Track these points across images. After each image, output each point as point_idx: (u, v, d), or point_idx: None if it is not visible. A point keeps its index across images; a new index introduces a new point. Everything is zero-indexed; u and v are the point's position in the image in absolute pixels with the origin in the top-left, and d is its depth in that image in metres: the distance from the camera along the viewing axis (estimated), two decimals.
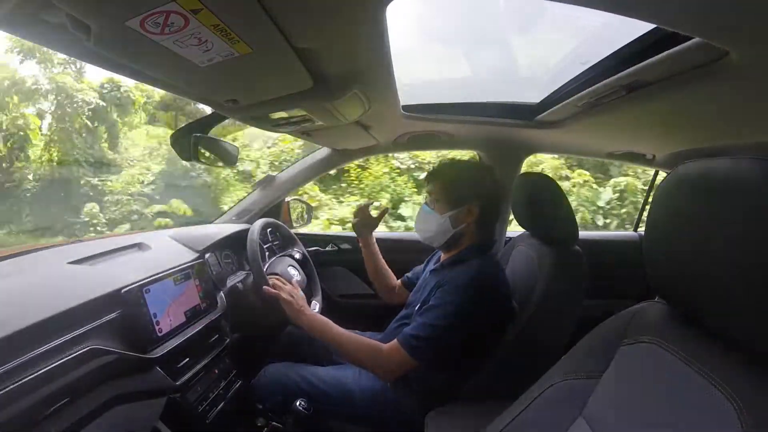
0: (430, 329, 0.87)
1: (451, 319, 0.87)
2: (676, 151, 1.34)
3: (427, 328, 0.88)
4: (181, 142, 1.04)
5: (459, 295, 0.88)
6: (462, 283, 0.89)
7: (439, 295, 0.91)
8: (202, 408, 0.88)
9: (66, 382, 0.59)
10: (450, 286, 0.90)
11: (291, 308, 1.00)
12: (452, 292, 0.89)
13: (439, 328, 0.87)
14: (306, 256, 1.38)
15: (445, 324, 0.87)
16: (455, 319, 0.87)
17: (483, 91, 1.25)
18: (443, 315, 0.87)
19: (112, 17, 0.43)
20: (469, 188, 1.00)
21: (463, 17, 1.19)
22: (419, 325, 0.89)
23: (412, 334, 0.89)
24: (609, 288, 1.54)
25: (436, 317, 0.88)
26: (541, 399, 0.59)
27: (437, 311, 0.88)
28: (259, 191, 1.58)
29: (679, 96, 0.75)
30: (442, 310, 0.88)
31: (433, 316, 0.88)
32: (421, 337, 0.87)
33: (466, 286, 0.89)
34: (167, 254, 1.01)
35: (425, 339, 0.87)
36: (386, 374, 0.93)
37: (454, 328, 0.87)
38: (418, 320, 0.91)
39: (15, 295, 0.69)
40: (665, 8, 0.46)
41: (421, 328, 0.88)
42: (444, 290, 0.91)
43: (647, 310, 0.54)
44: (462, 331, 0.89)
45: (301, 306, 1.01)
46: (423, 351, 0.87)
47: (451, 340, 0.89)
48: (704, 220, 0.42)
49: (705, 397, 0.42)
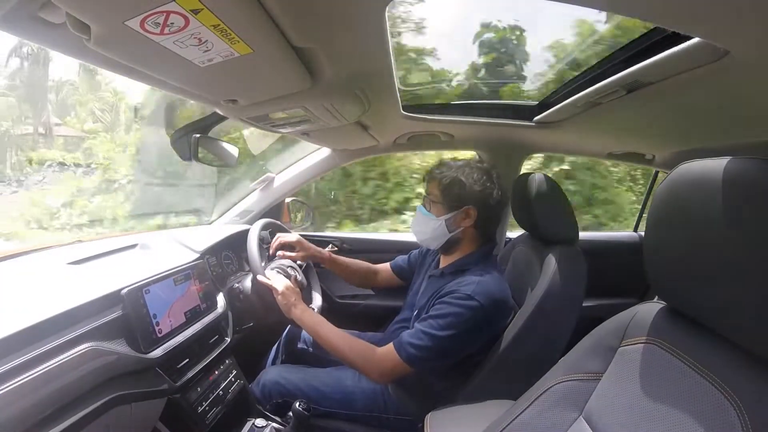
0: (427, 338, 0.86)
1: (449, 330, 0.86)
2: (676, 151, 1.34)
3: (424, 336, 0.86)
4: (181, 142, 1.04)
5: (461, 308, 0.86)
6: (466, 296, 0.87)
7: (439, 306, 0.90)
8: (202, 409, 0.88)
9: (66, 382, 0.59)
10: (452, 297, 0.89)
11: (283, 300, 0.98)
12: (455, 303, 0.87)
13: (437, 338, 0.86)
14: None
15: (443, 335, 0.85)
16: (454, 331, 0.86)
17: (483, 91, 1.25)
18: (443, 326, 0.86)
19: (112, 17, 0.43)
20: (468, 190, 0.95)
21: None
22: (417, 332, 0.88)
23: (409, 341, 0.88)
24: (609, 288, 1.54)
25: (434, 327, 0.87)
26: (541, 399, 0.59)
27: (438, 321, 0.87)
28: (259, 192, 1.58)
29: (679, 96, 0.75)
30: (442, 321, 0.86)
31: (432, 326, 0.87)
32: (418, 345, 0.86)
33: (470, 298, 0.87)
34: (167, 255, 1.01)
35: (421, 348, 0.86)
36: (379, 377, 0.91)
37: (452, 340, 0.86)
38: (416, 326, 0.90)
39: (15, 295, 0.68)
40: (665, 8, 0.46)
41: (418, 335, 0.87)
42: (445, 301, 0.89)
43: (647, 310, 0.54)
44: (460, 344, 0.88)
45: (294, 300, 0.99)
46: (418, 359, 0.87)
47: (448, 352, 0.88)
48: (704, 220, 0.41)
49: (705, 397, 0.42)
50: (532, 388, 0.63)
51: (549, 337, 0.92)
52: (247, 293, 1.11)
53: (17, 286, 0.73)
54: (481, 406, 0.86)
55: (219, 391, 0.94)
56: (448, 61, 1.64)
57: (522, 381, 0.69)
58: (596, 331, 0.59)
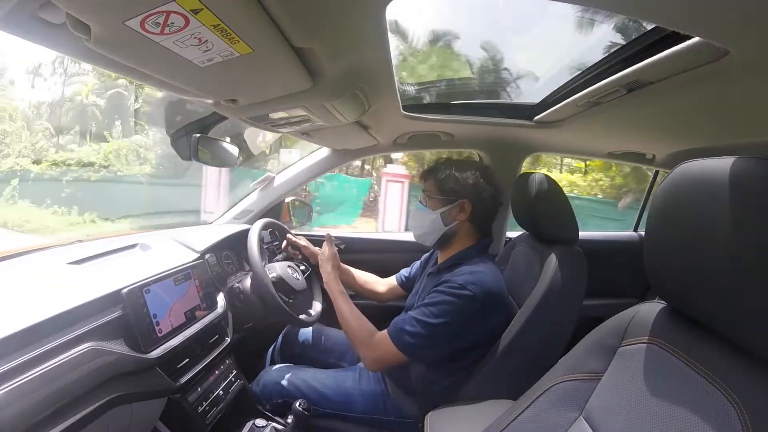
0: (420, 325, 0.87)
1: (443, 318, 0.86)
2: (676, 151, 1.34)
3: (416, 324, 0.87)
4: (181, 142, 1.04)
5: (453, 296, 0.87)
6: (459, 285, 0.88)
7: (433, 294, 0.90)
8: (202, 408, 0.88)
9: (66, 382, 0.59)
10: (446, 286, 0.89)
11: (325, 262, 1.14)
12: (448, 292, 0.88)
13: (430, 326, 0.86)
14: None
15: (436, 323, 0.86)
16: (447, 318, 0.86)
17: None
18: (435, 314, 0.87)
19: (112, 17, 0.43)
20: (462, 184, 0.99)
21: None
22: (409, 319, 0.89)
23: (401, 327, 0.88)
24: (609, 288, 1.55)
25: (427, 314, 0.87)
26: (541, 399, 0.59)
27: (430, 309, 0.88)
28: (259, 192, 1.58)
29: (679, 96, 0.75)
30: (436, 309, 0.87)
31: (425, 313, 0.88)
32: (410, 332, 0.87)
33: (462, 288, 0.87)
34: (167, 255, 1.01)
35: (414, 334, 0.86)
36: (372, 362, 0.93)
37: (444, 328, 0.86)
38: (409, 314, 0.90)
39: (15, 295, 0.68)
40: (665, 8, 0.46)
41: (411, 322, 0.88)
42: (438, 290, 0.90)
43: (647, 310, 0.54)
44: (453, 333, 0.88)
45: (331, 267, 1.13)
46: (410, 345, 0.87)
47: (441, 340, 0.88)
48: (704, 220, 0.41)
49: (705, 397, 0.42)
50: (532, 387, 0.63)
51: (549, 336, 0.92)
52: (247, 293, 1.11)
53: (17, 285, 0.73)
54: (481, 406, 0.86)
55: (219, 391, 0.94)
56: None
57: (522, 381, 0.69)
58: (596, 330, 0.59)
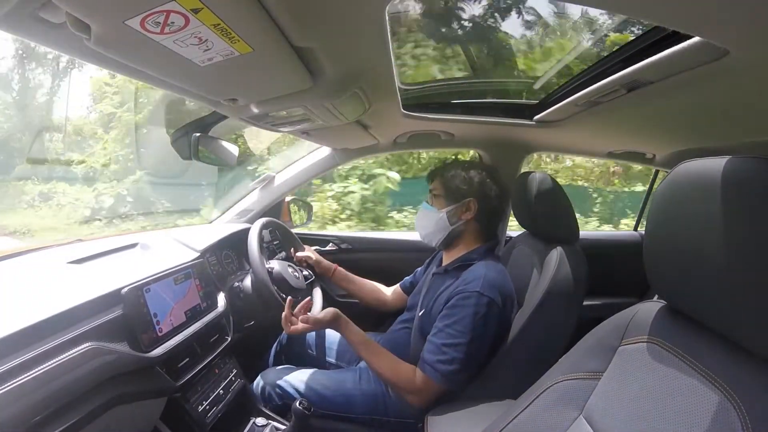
0: (452, 350, 0.85)
1: (472, 332, 0.85)
2: (676, 151, 1.34)
3: (449, 348, 0.85)
4: (181, 142, 1.04)
5: (473, 306, 0.86)
6: (477, 293, 0.87)
7: (449, 312, 0.88)
8: (203, 408, 0.88)
9: (66, 382, 0.59)
10: (460, 299, 0.88)
11: (328, 324, 0.96)
12: (467, 305, 0.86)
13: (462, 345, 0.84)
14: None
15: (466, 340, 0.84)
16: (474, 331, 0.85)
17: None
18: (462, 331, 0.85)
19: (113, 17, 0.43)
20: (468, 183, 0.99)
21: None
22: (437, 348, 0.86)
23: (435, 359, 0.85)
24: (609, 287, 1.54)
25: (455, 335, 0.85)
26: (541, 399, 0.59)
27: (455, 329, 0.86)
28: (259, 191, 1.58)
29: (679, 96, 0.75)
30: (460, 326, 0.85)
31: (453, 335, 0.85)
32: (445, 360, 0.85)
33: (481, 295, 0.86)
34: (168, 254, 1.01)
35: (450, 361, 0.84)
36: (420, 404, 0.90)
37: (476, 342, 0.85)
38: (435, 342, 0.87)
39: (15, 295, 0.69)
40: (665, 8, 0.46)
41: (441, 350, 0.85)
42: (455, 305, 0.88)
43: (647, 310, 0.54)
44: (483, 341, 0.87)
45: (340, 322, 0.97)
46: (453, 374, 0.85)
47: (478, 354, 0.87)
48: (704, 220, 0.41)
49: (705, 397, 0.42)
50: (532, 387, 0.63)
51: (549, 336, 0.92)
52: (248, 292, 1.11)
53: (17, 285, 0.73)
54: (481, 406, 0.86)
55: (219, 391, 0.95)
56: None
57: (522, 380, 0.69)
58: (596, 330, 0.59)
